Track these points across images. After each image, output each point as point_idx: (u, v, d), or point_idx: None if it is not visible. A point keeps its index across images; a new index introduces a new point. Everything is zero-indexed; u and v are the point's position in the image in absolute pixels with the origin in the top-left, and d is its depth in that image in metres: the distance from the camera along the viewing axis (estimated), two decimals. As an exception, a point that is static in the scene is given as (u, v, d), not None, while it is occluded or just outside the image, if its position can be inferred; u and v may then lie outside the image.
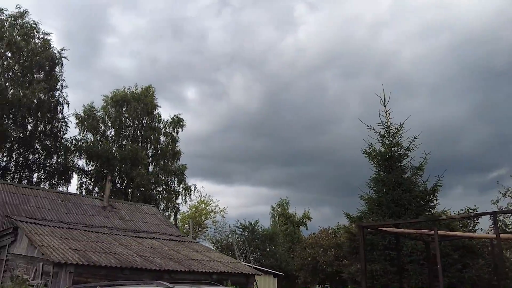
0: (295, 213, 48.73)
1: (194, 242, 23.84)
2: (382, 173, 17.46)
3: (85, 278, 14.01)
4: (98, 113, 35.30)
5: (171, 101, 79.29)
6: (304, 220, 47.83)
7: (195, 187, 37.60)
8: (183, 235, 25.40)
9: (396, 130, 17.84)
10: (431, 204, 17.18)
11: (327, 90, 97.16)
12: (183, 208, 45.10)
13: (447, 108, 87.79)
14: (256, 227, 37.82)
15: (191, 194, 36.85)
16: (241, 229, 36.94)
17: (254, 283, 18.91)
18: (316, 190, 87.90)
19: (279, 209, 52.55)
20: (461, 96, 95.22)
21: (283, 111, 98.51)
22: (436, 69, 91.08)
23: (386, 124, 18.08)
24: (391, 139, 17.80)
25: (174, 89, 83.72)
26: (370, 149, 17.96)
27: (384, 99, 18.57)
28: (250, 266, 22.08)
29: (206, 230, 44.10)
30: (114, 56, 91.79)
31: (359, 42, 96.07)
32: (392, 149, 17.63)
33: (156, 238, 20.96)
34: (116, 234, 19.40)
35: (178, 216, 37.95)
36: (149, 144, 36.98)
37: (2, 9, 30.07)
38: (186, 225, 40.54)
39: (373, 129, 18.08)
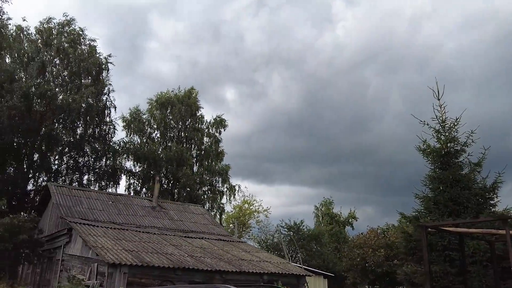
0: (340, 212, 47.83)
1: (242, 242, 23.73)
2: (438, 170, 16.57)
3: (138, 279, 14.13)
4: (144, 116, 36.07)
5: (211, 103, 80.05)
6: (350, 220, 46.79)
7: (239, 187, 37.62)
8: (229, 235, 25.33)
9: (452, 124, 16.88)
10: (491, 202, 16.17)
11: (367, 87, 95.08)
12: (227, 208, 45.26)
13: (495, 101, 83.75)
14: (301, 227, 37.36)
15: (235, 194, 36.92)
16: (286, 229, 36.59)
17: (305, 284, 18.49)
18: (358, 189, 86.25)
19: (322, 209, 51.82)
20: (510, 89, 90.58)
21: (322, 109, 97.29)
22: (481, 62, 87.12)
23: (441, 118, 17.14)
24: (447, 134, 16.86)
25: (214, 91, 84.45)
26: (425, 145, 17.07)
27: (438, 92, 17.63)
28: (300, 267, 21.68)
29: (250, 230, 44.07)
30: (155, 60, 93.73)
31: (399, 37, 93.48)
32: (448, 144, 16.68)
33: (205, 238, 20.98)
34: (166, 234, 19.55)
35: (222, 216, 38.07)
36: (193, 145, 37.34)
37: (51, 18, 31.24)
38: (231, 225, 40.60)
39: (427, 124, 17.19)
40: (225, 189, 36.62)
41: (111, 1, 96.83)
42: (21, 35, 30.52)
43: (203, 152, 37.20)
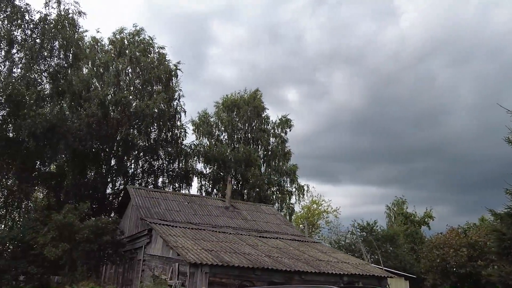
0: (415, 212, 45.65)
1: (317, 242, 23.24)
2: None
3: (219, 279, 14.13)
4: (211, 119, 36.74)
5: (272, 104, 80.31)
6: (426, 220, 44.50)
7: (308, 187, 37.10)
8: (303, 235, 24.91)
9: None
10: None
11: (435, 80, 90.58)
12: (295, 208, 44.78)
13: None
14: (374, 227, 36.10)
15: (304, 194, 36.46)
16: (358, 230, 35.51)
17: (387, 286, 17.63)
18: (430, 187, 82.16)
19: (394, 208, 49.92)
20: None
21: (388, 105, 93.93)
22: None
23: (533, 107, 15.61)
24: (540, 124, 15.33)
25: (274, 92, 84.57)
26: (516, 136, 15.64)
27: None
28: (380, 268, 20.78)
29: (320, 231, 43.32)
30: (217, 65, 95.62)
31: (467, 26, 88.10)
32: (542, 135, 15.17)
33: (280, 238, 20.73)
34: (241, 234, 19.53)
35: (292, 216, 37.72)
36: (259, 146, 37.39)
37: (123, 28, 32.62)
38: (300, 226, 40.12)
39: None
40: (294, 189, 36.28)
41: (173, 11, 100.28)
42: (96, 46, 32.15)
43: (269, 152, 37.15)
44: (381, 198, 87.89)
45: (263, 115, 37.84)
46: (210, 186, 34.34)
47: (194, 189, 32.74)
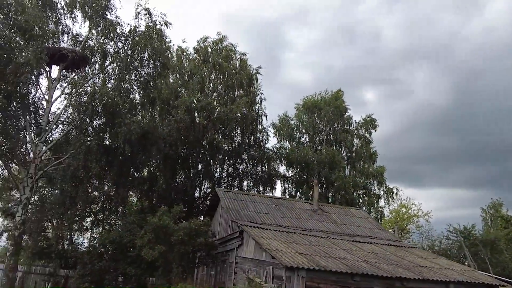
0: (516, 215, 41.61)
1: (415, 247, 21.81)
2: None
3: (316, 284, 13.55)
4: (292, 121, 36.44)
5: (350, 106, 77.99)
6: (532, 223, 40.33)
7: (397, 189, 35.27)
8: (399, 240, 23.53)
9: None
10: None
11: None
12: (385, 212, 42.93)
13: None
14: (472, 231, 33.35)
15: (393, 197, 34.72)
16: (456, 234, 33.01)
17: (500, 296, 15.91)
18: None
19: (491, 211, 45.97)
20: None
21: (477, 101, 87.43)
22: None
23: None
24: None
25: (352, 93, 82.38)
26: None
27: None
28: (489, 275, 18.92)
29: (410, 236, 41.02)
30: (293, 69, 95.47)
31: None
32: None
33: (374, 243, 19.69)
34: (333, 238, 18.82)
35: (381, 220, 36.10)
36: (343, 147, 36.35)
37: (206, 37, 33.55)
38: (390, 230, 38.27)
39: None
40: (382, 192, 34.71)
41: (249, 19, 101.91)
42: (181, 55, 33.33)
43: (354, 154, 35.97)
44: (470, 201, 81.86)
45: (345, 116, 36.81)
46: (294, 189, 33.95)
47: (277, 192, 32.62)
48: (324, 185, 33.94)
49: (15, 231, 18.87)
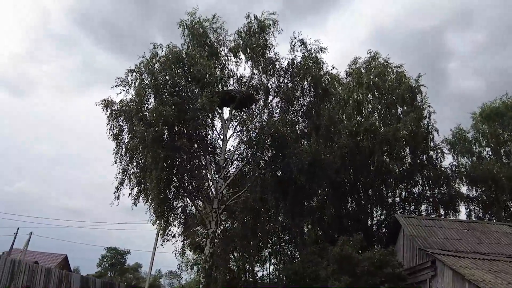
0: None
1: None
2: None
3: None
4: (468, 134, 32.57)
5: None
6: None
7: None
8: None
9: None
10: None
11: None
12: None
13: None
14: None
15: None
16: None
17: None
18: None
19: None
20: None
21: None
22: None
23: None
24: None
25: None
26: None
27: None
28: None
29: None
30: (459, 78, 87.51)
31: None
32: None
33: None
34: (552, 267, 15.55)
35: None
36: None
37: (357, 58, 32.68)
38: None
39: None
40: None
41: (403, 31, 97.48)
42: (334, 81, 32.88)
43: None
44: None
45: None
46: (481, 210, 29.74)
47: (462, 216, 28.87)
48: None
49: (206, 264, 20.08)
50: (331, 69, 25.44)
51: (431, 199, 28.68)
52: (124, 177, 20.85)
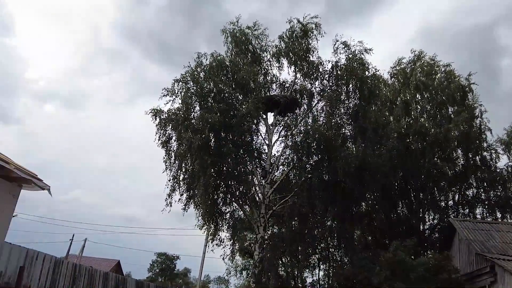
0: None
1: None
2: None
3: None
4: (524, 133, 30.77)
5: None
6: None
7: None
8: None
9: None
10: None
11: None
12: None
13: None
14: None
15: None
16: None
17: None
18: None
19: None
20: None
21: None
22: None
23: None
24: None
25: None
26: None
27: None
28: None
29: None
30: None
31: None
32: None
33: None
34: None
35: None
36: None
37: (400, 58, 31.73)
38: None
39: None
40: None
41: (453, 29, 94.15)
42: (378, 83, 32.06)
43: None
44: None
45: None
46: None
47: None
48: None
49: (255, 269, 20.14)
50: (377, 70, 24.99)
51: (486, 202, 27.32)
52: (175, 183, 21.33)
